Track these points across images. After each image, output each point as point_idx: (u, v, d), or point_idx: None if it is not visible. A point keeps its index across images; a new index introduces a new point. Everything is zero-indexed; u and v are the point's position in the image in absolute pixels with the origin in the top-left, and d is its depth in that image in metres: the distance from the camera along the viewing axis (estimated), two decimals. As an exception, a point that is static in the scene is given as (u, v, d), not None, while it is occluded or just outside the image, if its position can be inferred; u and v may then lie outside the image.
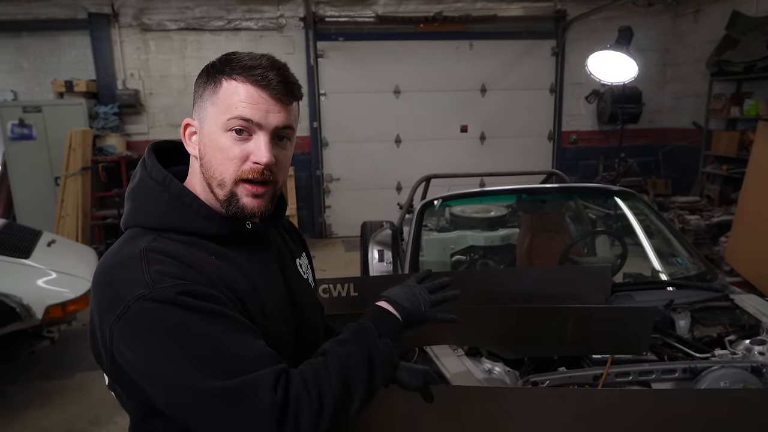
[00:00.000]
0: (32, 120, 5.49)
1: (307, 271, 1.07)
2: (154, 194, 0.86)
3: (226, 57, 0.87)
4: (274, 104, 0.84)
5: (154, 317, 0.73)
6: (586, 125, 6.70)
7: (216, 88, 0.84)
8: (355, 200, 6.42)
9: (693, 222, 4.84)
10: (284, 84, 0.84)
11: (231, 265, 0.85)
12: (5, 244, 3.11)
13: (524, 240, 2.97)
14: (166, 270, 0.77)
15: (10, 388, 3.19)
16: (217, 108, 0.84)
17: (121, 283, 0.76)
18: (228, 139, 0.83)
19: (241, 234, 0.89)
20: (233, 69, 0.83)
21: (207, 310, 0.75)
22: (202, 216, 0.85)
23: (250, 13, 6.03)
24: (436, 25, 6.14)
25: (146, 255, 0.78)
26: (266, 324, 0.85)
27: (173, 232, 0.84)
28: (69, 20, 5.83)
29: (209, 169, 0.85)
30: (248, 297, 0.84)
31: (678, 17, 6.43)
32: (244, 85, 0.83)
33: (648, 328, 1.65)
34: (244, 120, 0.83)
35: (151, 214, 0.85)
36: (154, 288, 0.74)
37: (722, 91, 5.59)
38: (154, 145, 0.93)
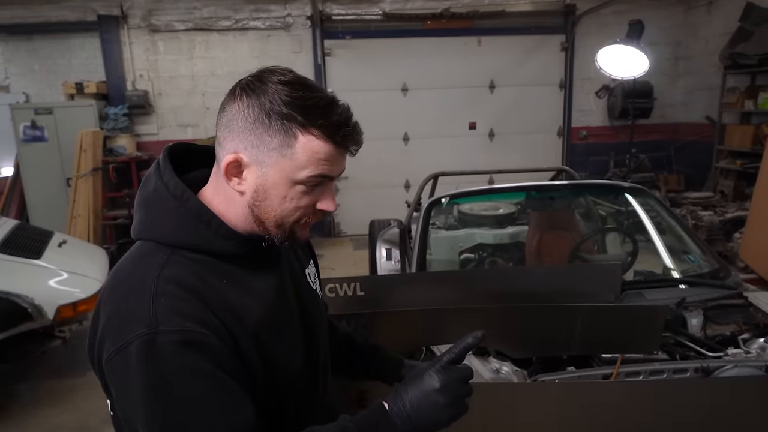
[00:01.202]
0: (44, 122, 5.55)
1: (315, 280, 1.06)
2: (169, 208, 0.82)
3: (292, 96, 0.78)
4: (344, 156, 0.83)
5: (146, 365, 0.72)
6: (597, 121, 6.63)
7: (289, 140, 0.78)
8: (364, 198, 6.41)
9: (706, 218, 4.76)
10: (359, 137, 0.82)
11: (243, 290, 0.83)
12: (17, 244, 3.15)
13: (533, 238, 2.94)
14: (172, 305, 0.75)
15: (22, 386, 3.23)
16: (291, 162, 0.79)
17: (127, 312, 0.75)
18: (297, 192, 0.81)
19: (257, 253, 0.86)
20: (312, 121, 0.77)
21: (202, 370, 0.73)
22: (221, 236, 0.82)
23: (258, 12, 6.04)
24: (443, 22, 6.11)
25: (157, 285, 0.76)
26: (277, 343, 0.84)
27: (188, 250, 0.81)
28: (79, 22, 5.89)
29: (268, 211, 0.82)
30: (260, 323, 0.82)
31: (690, 9, 6.32)
32: (326, 144, 0.78)
33: (659, 326, 1.61)
34: (323, 177, 0.81)
35: (166, 229, 0.82)
36: (157, 328, 0.72)
37: (736, 85, 5.50)
38: (169, 150, 0.88)
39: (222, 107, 0.82)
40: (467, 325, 1.70)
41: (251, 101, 0.79)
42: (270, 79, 0.79)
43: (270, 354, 0.82)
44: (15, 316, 2.74)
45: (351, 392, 1.29)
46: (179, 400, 0.72)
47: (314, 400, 0.96)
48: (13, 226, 3.40)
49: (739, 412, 1.27)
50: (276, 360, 0.83)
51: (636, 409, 1.25)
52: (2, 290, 2.76)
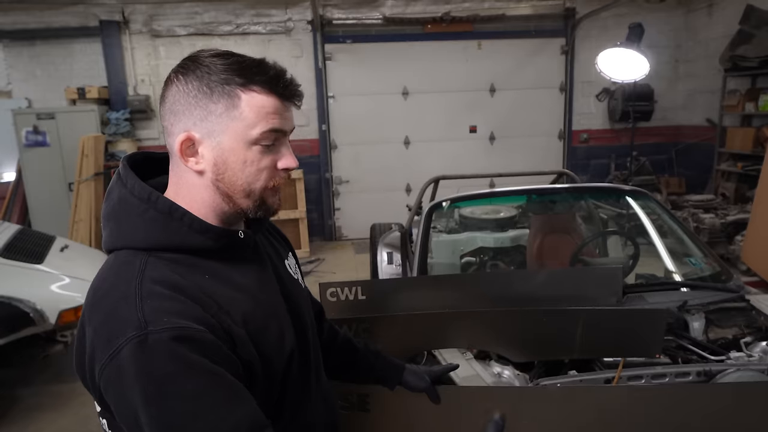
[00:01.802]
0: (46, 127, 5.57)
1: (296, 271, 1.06)
2: (138, 212, 0.81)
3: (227, 62, 0.80)
4: (291, 111, 0.84)
5: (140, 367, 0.70)
6: (597, 124, 6.63)
7: (233, 101, 0.79)
8: (365, 202, 6.41)
9: (708, 221, 4.75)
10: (298, 89, 0.84)
11: (227, 284, 0.82)
12: (19, 249, 3.16)
13: (534, 241, 2.94)
14: (161, 306, 0.73)
15: (24, 391, 3.23)
16: (241, 122, 0.80)
17: (115, 321, 0.73)
18: (255, 153, 0.81)
19: (235, 245, 0.86)
20: (250, 78, 0.79)
21: (196, 364, 0.71)
22: (195, 230, 0.81)
23: (258, 17, 6.06)
24: (443, 26, 6.13)
25: (140, 287, 0.75)
26: (267, 333, 0.84)
27: (165, 251, 0.80)
28: (81, 28, 5.92)
29: (233, 182, 0.82)
30: (249, 317, 0.82)
31: (690, 12, 6.33)
32: (269, 98, 0.80)
33: (661, 330, 1.61)
34: (276, 132, 0.82)
35: (138, 234, 0.80)
36: (146, 329, 0.70)
37: (736, 87, 5.50)
38: (128, 159, 0.88)
39: (162, 98, 0.83)
40: (468, 329, 1.71)
41: (188, 78, 0.80)
42: (201, 56, 0.81)
43: (262, 344, 0.82)
44: (17, 320, 2.75)
45: (352, 396, 1.29)
46: (180, 396, 0.70)
47: (308, 386, 0.96)
48: (15, 231, 3.41)
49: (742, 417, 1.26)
50: (268, 349, 0.83)
51: (638, 413, 1.24)
52: (4, 295, 2.77)
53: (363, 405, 1.29)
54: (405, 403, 1.26)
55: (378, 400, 1.28)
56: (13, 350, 2.82)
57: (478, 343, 1.73)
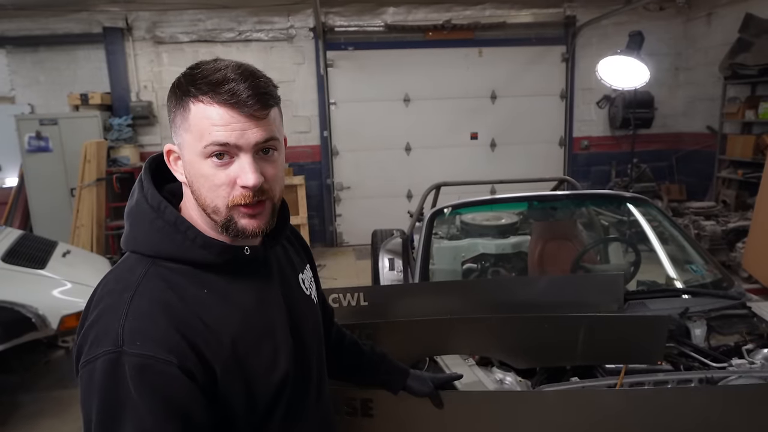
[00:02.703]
0: (49, 132, 5.59)
1: (311, 286, 1.04)
2: (149, 220, 0.83)
3: (190, 73, 0.79)
4: (249, 121, 0.77)
5: (102, 385, 0.73)
6: (598, 131, 6.65)
7: (185, 113, 0.78)
8: (366, 208, 6.42)
9: (708, 228, 4.76)
10: (256, 97, 0.77)
11: (223, 301, 0.82)
12: (21, 254, 3.17)
13: (536, 247, 2.94)
14: (142, 328, 0.75)
15: (26, 397, 3.22)
16: (192, 135, 0.78)
17: (100, 328, 0.76)
18: (209, 167, 0.79)
19: (239, 260, 0.85)
20: (198, 89, 0.77)
21: (155, 400, 0.73)
22: (199, 245, 0.82)
23: (261, 24, 6.11)
24: (445, 33, 6.16)
25: (131, 303, 0.77)
26: (257, 353, 0.84)
27: (169, 260, 0.82)
28: (84, 34, 5.96)
29: (200, 197, 0.81)
30: (239, 337, 0.81)
31: (690, 21, 6.37)
32: (212, 107, 0.76)
33: (662, 337, 1.61)
34: (220, 145, 0.77)
35: (146, 240, 0.83)
36: (121, 348, 0.73)
37: (736, 95, 5.52)
38: (151, 161, 0.89)
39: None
40: (470, 335, 1.71)
41: (172, 90, 0.81)
42: (190, 67, 0.81)
43: (250, 365, 0.82)
44: (19, 326, 2.76)
45: (356, 401, 1.29)
46: (128, 422, 0.72)
47: (304, 407, 0.94)
48: (17, 236, 3.42)
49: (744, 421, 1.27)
50: (257, 370, 0.83)
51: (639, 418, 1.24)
52: (6, 300, 2.78)
53: (367, 410, 1.29)
54: (409, 408, 1.26)
55: (382, 406, 1.29)
56: (14, 356, 2.83)
57: (479, 350, 1.73)
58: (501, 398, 1.42)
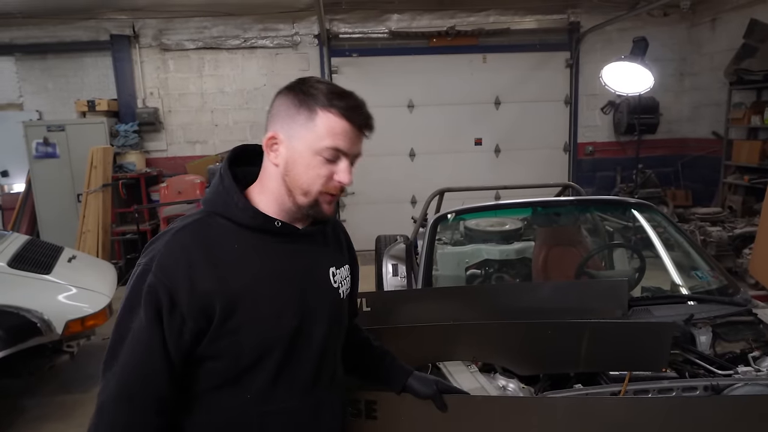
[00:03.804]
0: (56, 139, 5.65)
1: (342, 282, 1.15)
2: (216, 183, 1.06)
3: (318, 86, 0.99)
4: (358, 138, 1.02)
5: (132, 286, 0.98)
6: (603, 136, 6.64)
7: (312, 115, 0.98)
8: (370, 214, 6.43)
9: (715, 234, 4.72)
10: (370, 122, 1.02)
11: (249, 253, 1.01)
12: (28, 259, 3.18)
13: (540, 253, 2.93)
14: (166, 258, 0.97)
15: (30, 401, 3.23)
16: (313, 134, 0.98)
17: (153, 246, 1.00)
18: (318, 161, 0.99)
19: (268, 230, 1.03)
20: (331, 102, 0.98)
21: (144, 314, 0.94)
22: (240, 207, 1.02)
23: (266, 31, 6.15)
24: (449, 40, 6.19)
25: (173, 237, 1.00)
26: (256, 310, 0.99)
27: (219, 216, 1.03)
28: (92, 42, 6.04)
29: (296, 180, 1.01)
30: (246, 289, 0.99)
31: (694, 26, 6.36)
32: (341, 121, 0.98)
33: (667, 343, 1.60)
34: (337, 150, 0.99)
35: (209, 198, 1.07)
36: (149, 266, 0.97)
37: (742, 100, 5.49)
38: (238, 147, 1.12)
39: (270, 107, 1.05)
40: (472, 341, 1.71)
41: (291, 93, 1.02)
42: (310, 80, 1.03)
43: (246, 317, 0.98)
44: (24, 330, 2.76)
45: (360, 403, 1.29)
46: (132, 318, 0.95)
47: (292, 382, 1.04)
48: (24, 242, 3.44)
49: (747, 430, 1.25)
50: (248, 321, 0.99)
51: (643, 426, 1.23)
52: (12, 305, 2.79)
53: (371, 412, 1.29)
54: (413, 411, 1.26)
55: (386, 408, 1.29)
56: (19, 360, 2.83)
57: (482, 356, 1.72)
58: (504, 403, 1.41)
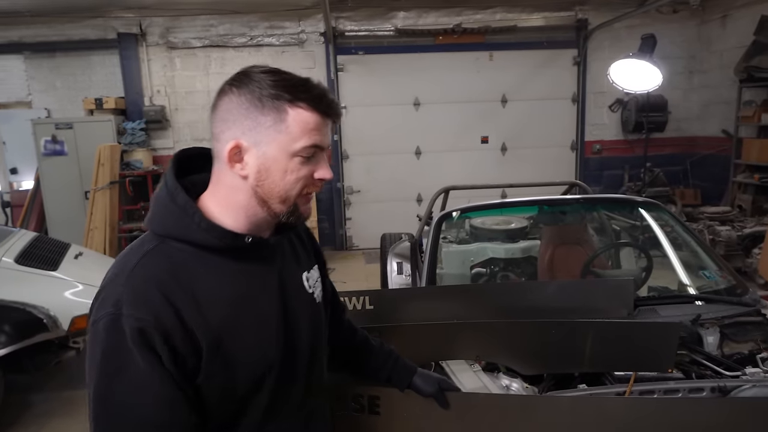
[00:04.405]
0: (64, 136, 5.70)
1: (315, 285, 1.07)
2: (164, 203, 0.92)
3: (271, 79, 0.87)
4: (329, 127, 0.92)
5: (102, 344, 0.82)
6: (611, 134, 6.58)
7: (280, 115, 0.87)
8: (376, 212, 6.42)
9: (724, 233, 4.67)
10: (338, 108, 0.92)
11: (221, 279, 0.89)
12: (34, 256, 3.21)
13: (546, 252, 2.91)
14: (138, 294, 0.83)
15: (36, 396, 3.26)
16: (286, 136, 0.87)
17: (106, 293, 0.85)
18: (295, 163, 0.89)
19: (239, 247, 0.92)
20: (297, 96, 0.87)
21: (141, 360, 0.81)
22: (203, 228, 0.89)
23: (272, 29, 6.16)
24: (455, 37, 6.16)
25: (133, 272, 0.85)
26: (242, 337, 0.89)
27: (176, 240, 0.89)
28: (100, 40, 6.07)
29: (272, 188, 0.90)
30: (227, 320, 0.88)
31: (704, 23, 6.28)
32: (312, 114, 0.88)
33: (673, 344, 1.58)
34: (315, 147, 0.90)
35: (159, 221, 0.92)
36: (119, 311, 0.82)
37: (752, 98, 5.43)
38: (179, 153, 0.98)
39: (214, 106, 0.91)
40: (476, 340, 1.69)
41: (241, 91, 0.88)
42: (253, 71, 0.89)
43: (234, 349, 0.88)
44: (31, 326, 2.79)
45: (363, 398, 1.29)
46: (122, 380, 0.81)
47: (288, 401, 0.98)
48: (31, 238, 3.47)
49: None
50: (240, 354, 0.89)
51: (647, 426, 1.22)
52: (19, 301, 2.82)
53: (373, 408, 1.28)
54: (415, 407, 1.25)
55: (389, 403, 1.28)
56: (26, 356, 2.85)
57: (486, 355, 1.71)
58: (507, 402, 1.40)
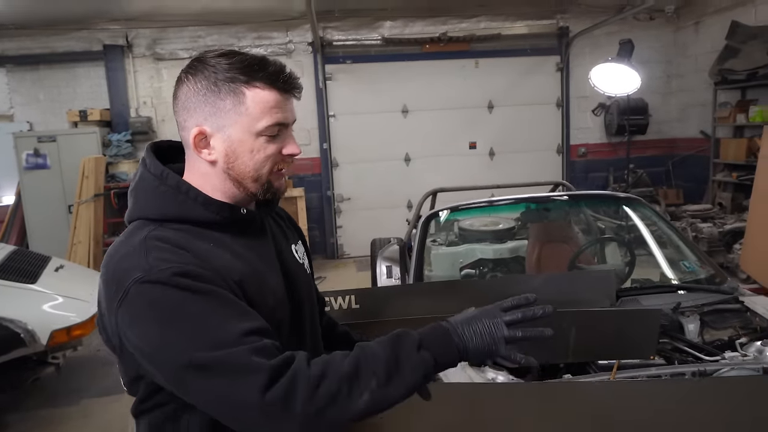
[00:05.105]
0: (47, 149, 5.60)
1: (303, 258, 1.11)
2: (153, 187, 0.91)
3: (227, 62, 0.88)
4: (291, 102, 0.93)
5: (150, 298, 0.79)
6: (595, 138, 6.69)
7: (239, 97, 0.88)
8: (367, 220, 6.43)
9: (706, 230, 4.76)
10: (297, 82, 0.92)
11: (228, 251, 0.89)
12: (12, 269, 3.10)
13: (533, 251, 2.94)
14: (163, 256, 0.82)
15: (13, 416, 3.09)
16: (247, 117, 0.88)
17: (122, 271, 0.82)
18: (261, 142, 0.90)
19: (237, 219, 0.93)
20: (253, 76, 0.88)
21: (201, 289, 0.79)
22: (200, 203, 0.90)
23: (260, 39, 6.19)
24: (441, 45, 6.25)
25: (146, 242, 0.84)
26: (265, 304, 0.90)
27: (174, 222, 0.89)
28: (85, 52, 6.04)
29: (242, 169, 0.91)
30: (246, 280, 0.88)
31: (679, 30, 6.46)
32: (270, 92, 0.89)
33: (654, 330, 1.61)
34: (278, 125, 0.90)
35: (151, 206, 0.90)
36: (150, 272, 0.79)
37: (727, 100, 5.58)
38: (152, 144, 0.99)
39: (174, 96, 0.92)
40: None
41: (197, 78, 0.89)
42: (207, 57, 0.90)
43: (255, 304, 0.87)
44: (7, 342, 2.66)
45: None
46: (190, 317, 0.78)
47: None
48: (9, 251, 3.36)
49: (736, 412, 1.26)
50: (260, 309, 0.88)
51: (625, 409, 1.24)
52: (-5, 315, 2.68)
53: None
54: None
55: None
56: (1, 373, 2.73)
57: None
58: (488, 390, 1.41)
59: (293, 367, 0.77)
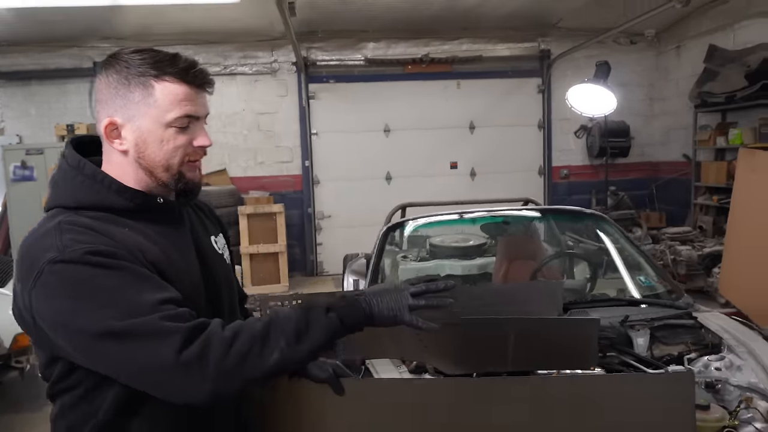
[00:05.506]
0: (34, 162, 5.68)
1: (223, 249, 1.14)
2: (70, 177, 0.94)
3: (139, 58, 0.93)
4: (203, 96, 0.98)
5: (63, 276, 0.82)
6: (577, 160, 6.74)
7: (148, 90, 0.92)
8: (347, 237, 6.40)
9: (684, 253, 4.74)
10: (208, 77, 0.97)
11: (142, 236, 0.93)
12: (-20, 274, 3.13)
13: (500, 267, 2.94)
14: (77, 237, 0.85)
15: (-25, 422, 3.11)
16: (156, 109, 0.92)
17: (36, 252, 0.85)
18: (171, 133, 0.94)
19: (152, 208, 0.97)
20: (162, 71, 0.92)
21: (115, 265, 0.83)
22: (114, 190, 0.94)
23: (245, 59, 6.30)
24: (423, 66, 6.34)
25: (60, 226, 0.87)
26: (180, 289, 0.91)
27: (89, 210, 0.91)
28: (75, 69, 6.13)
29: (152, 158, 0.94)
30: (159, 261, 0.91)
31: (660, 54, 6.57)
32: (180, 86, 0.93)
33: (593, 340, 1.58)
34: (188, 117, 0.94)
35: (68, 194, 0.93)
36: (64, 251, 0.82)
37: (707, 123, 5.63)
38: (72, 139, 1.02)
39: (91, 92, 0.92)
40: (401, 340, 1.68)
41: (109, 72, 0.95)
42: (122, 53, 0.95)
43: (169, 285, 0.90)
44: (-32, 346, 2.69)
45: None
46: (106, 289, 0.81)
47: None
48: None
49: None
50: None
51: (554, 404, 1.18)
52: (-44, 319, 2.71)
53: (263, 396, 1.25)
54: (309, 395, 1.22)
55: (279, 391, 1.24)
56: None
57: (410, 355, 1.70)
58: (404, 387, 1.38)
59: (208, 330, 0.82)
